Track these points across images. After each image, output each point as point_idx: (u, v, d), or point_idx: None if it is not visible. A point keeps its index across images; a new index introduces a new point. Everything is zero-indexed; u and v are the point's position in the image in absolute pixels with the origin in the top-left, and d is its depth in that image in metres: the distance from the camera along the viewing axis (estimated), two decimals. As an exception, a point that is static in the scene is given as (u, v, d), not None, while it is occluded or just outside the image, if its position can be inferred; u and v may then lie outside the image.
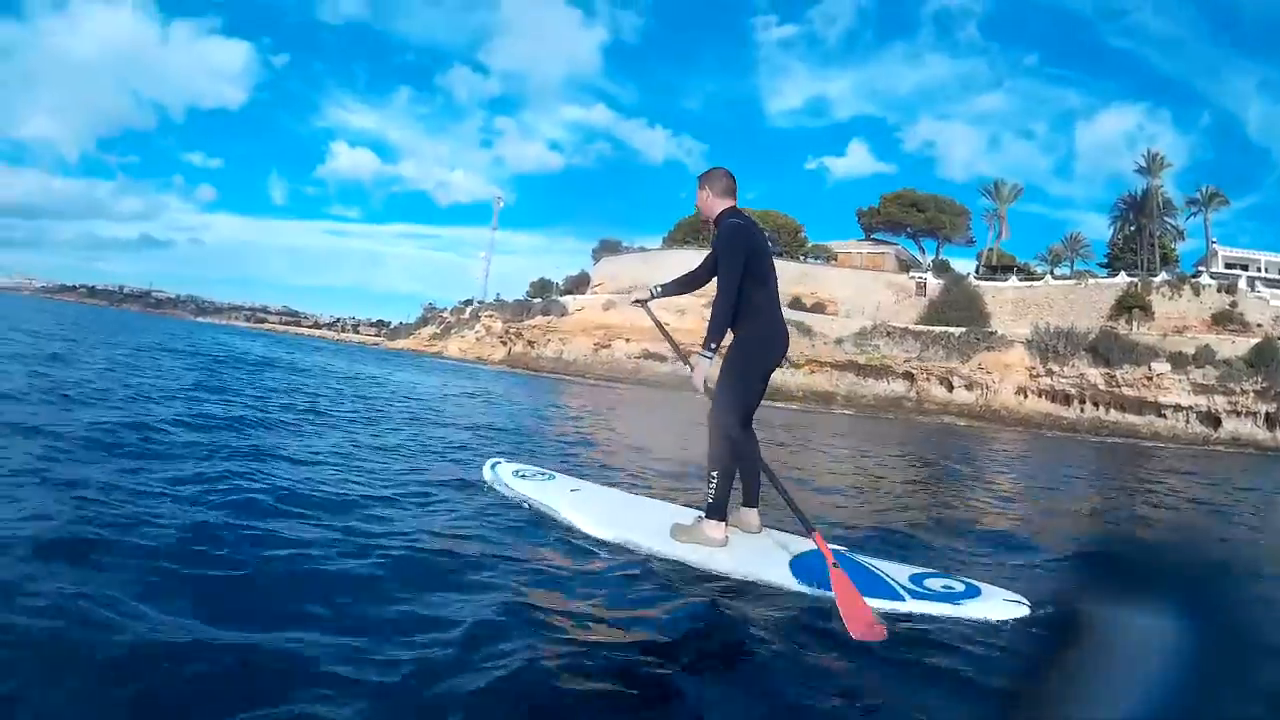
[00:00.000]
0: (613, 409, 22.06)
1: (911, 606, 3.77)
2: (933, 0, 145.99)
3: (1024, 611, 3.75)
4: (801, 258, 65.76)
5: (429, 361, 55.07)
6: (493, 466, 6.20)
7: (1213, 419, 41.78)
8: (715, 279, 4.55)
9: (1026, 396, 47.51)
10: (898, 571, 4.17)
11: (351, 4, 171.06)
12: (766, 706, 2.63)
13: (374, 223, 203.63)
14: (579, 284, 74.34)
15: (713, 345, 4.41)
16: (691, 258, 47.33)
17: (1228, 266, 55.83)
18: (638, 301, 5.32)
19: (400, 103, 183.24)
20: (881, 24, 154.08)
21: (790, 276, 60.69)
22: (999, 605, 3.79)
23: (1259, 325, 46.24)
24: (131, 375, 11.43)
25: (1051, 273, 59.62)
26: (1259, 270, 57.85)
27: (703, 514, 4.59)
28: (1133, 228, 60.57)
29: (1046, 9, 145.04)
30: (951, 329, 51.40)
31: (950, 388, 49.17)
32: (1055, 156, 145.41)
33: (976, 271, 61.45)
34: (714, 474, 4.49)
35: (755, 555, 4.39)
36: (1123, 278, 52.70)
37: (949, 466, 13.80)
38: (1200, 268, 54.08)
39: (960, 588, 3.99)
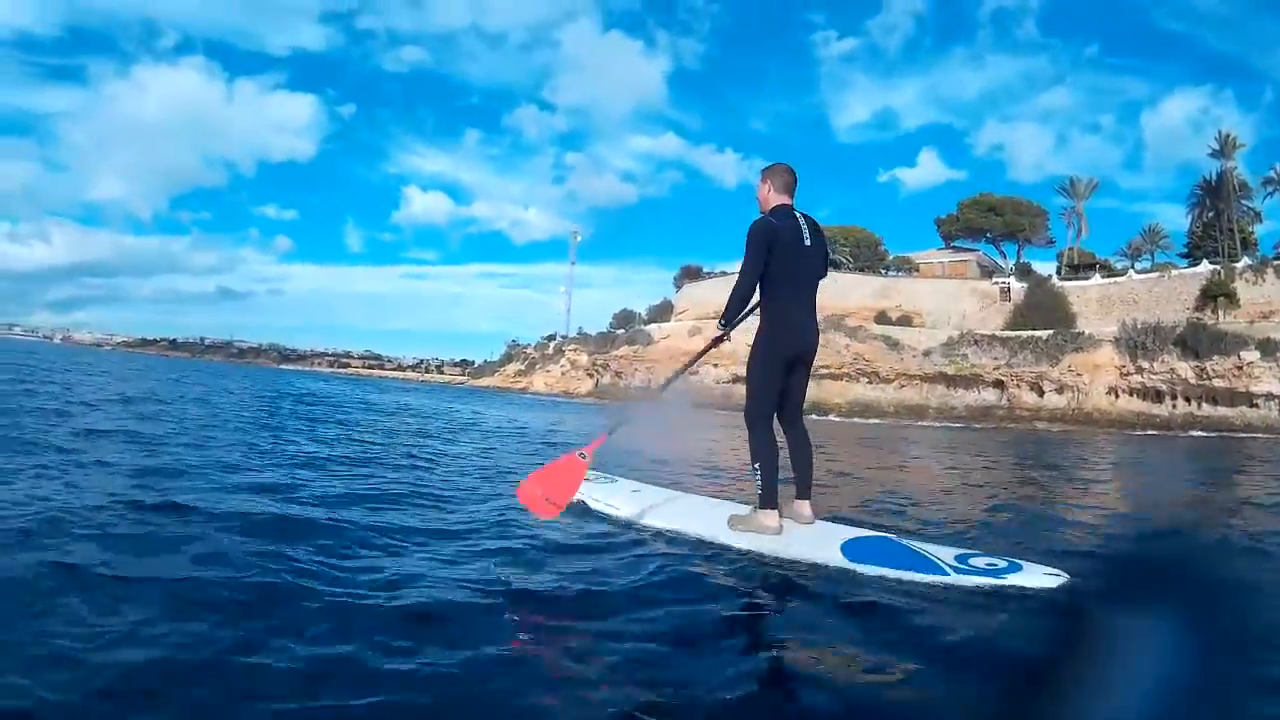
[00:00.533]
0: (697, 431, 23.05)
1: (953, 580, 4.07)
2: (989, 0, 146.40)
3: (1061, 582, 4.02)
4: (883, 271, 68.69)
5: (517, 398, 57.00)
6: None
7: (1305, 405, 42.90)
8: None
9: (1118, 396, 48.96)
10: (944, 552, 4.42)
11: (413, 52, 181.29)
12: (808, 679, 2.87)
13: (452, 264, 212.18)
14: (662, 312, 77.97)
15: (723, 321, 4.99)
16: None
17: (1306, 245, 56.41)
18: (718, 340, 5.29)
19: (470, 145, 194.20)
20: (940, 29, 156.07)
21: (874, 290, 64.33)
22: (1037, 578, 4.05)
23: (1347, 305, 47.32)
24: (260, 436, 10.66)
25: (1133, 267, 61.05)
26: (1340, 246, 58.17)
27: (756, 505, 4.97)
28: (1211, 214, 61.57)
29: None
30: (1038, 332, 53.09)
31: (1041, 393, 51.01)
32: (1124, 149, 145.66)
33: (1058, 272, 62.98)
34: (757, 466, 4.91)
35: (807, 542, 4.72)
36: (1205, 266, 53.99)
37: (1041, 471, 14.07)
38: (1280, 249, 54.71)
39: (1003, 564, 4.22)
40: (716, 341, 5.29)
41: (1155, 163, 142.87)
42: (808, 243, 4.96)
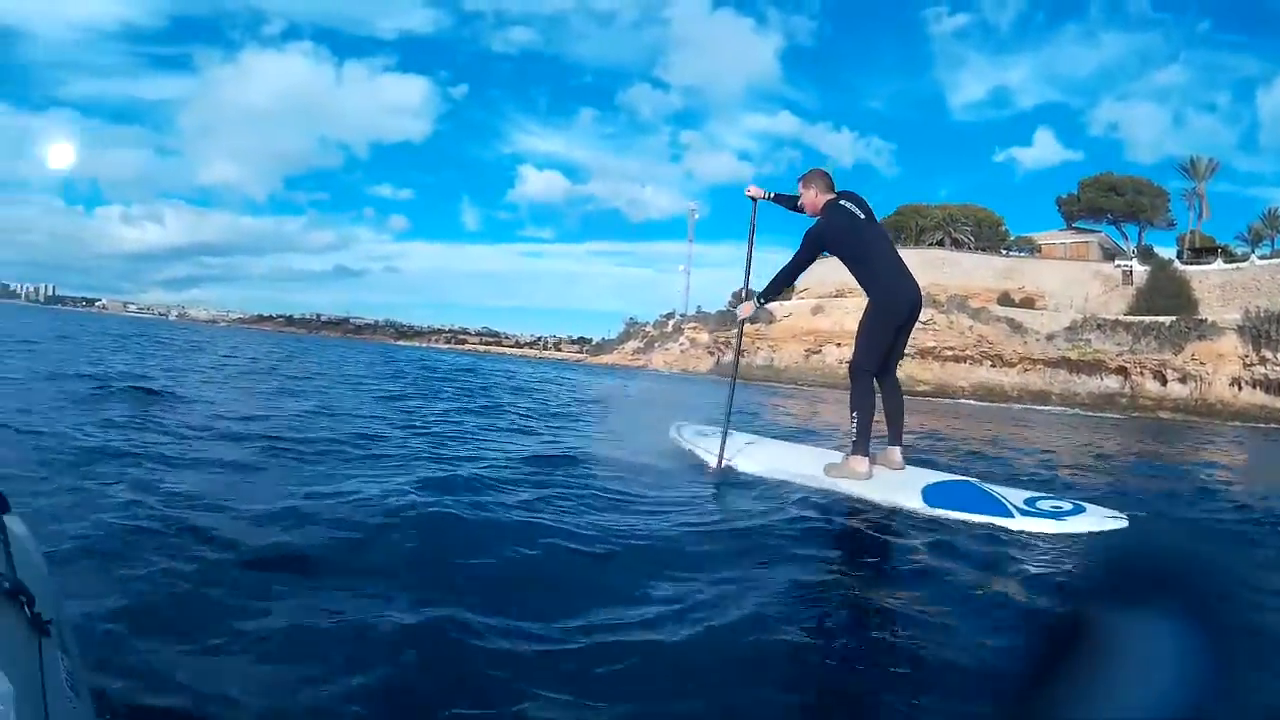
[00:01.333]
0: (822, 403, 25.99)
1: (1019, 523, 4.51)
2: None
3: (1122, 524, 4.42)
4: (1004, 251, 69.69)
5: (646, 374, 61.01)
6: (678, 429, 7.20)
7: None
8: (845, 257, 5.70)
9: (1241, 388, 50.07)
10: (1015, 495, 4.91)
11: (522, 33, 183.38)
12: (883, 599, 3.34)
13: (568, 242, 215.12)
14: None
15: (761, 299, 5.98)
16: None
17: None
18: (751, 197, 6.42)
19: (584, 124, 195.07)
20: (1052, 3, 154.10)
21: (997, 271, 65.53)
22: (1099, 521, 4.46)
23: None
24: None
25: (1254, 253, 61.12)
26: None
27: (849, 452, 5.48)
28: (1337, 197, 61.08)
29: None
30: (1161, 319, 54.00)
31: (1164, 381, 52.32)
32: (1239, 129, 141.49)
33: (1179, 256, 63.65)
34: (854, 414, 5.45)
35: (894, 486, 5.24)
36: (1332, 254, 53.39)
37: (1157, 447, 15.09)
38: None
39: (1067, 507, 4.66)
40: (744, 321, 6.50)
41: (1272, 143, 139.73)
42: (861, 216, 5.68)
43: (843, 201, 5.72)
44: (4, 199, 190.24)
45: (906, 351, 6.07)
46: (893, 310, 5.63)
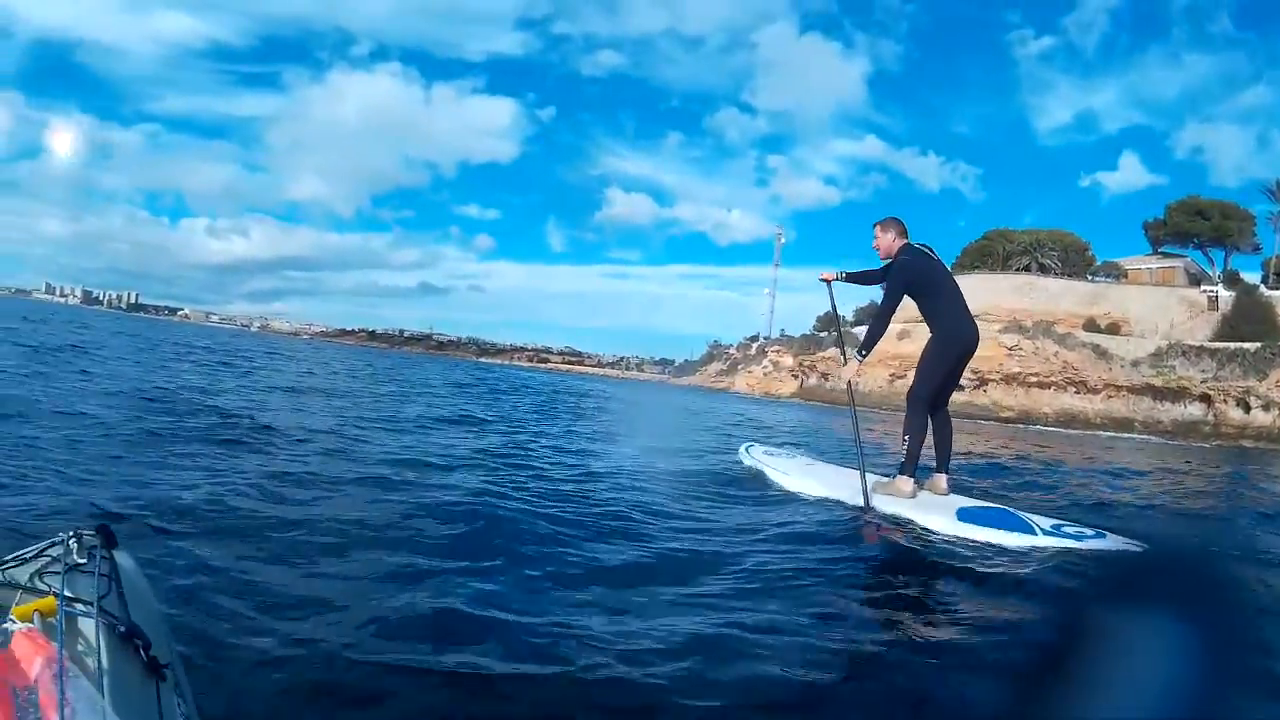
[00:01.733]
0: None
1: (1042, 541, 4.96)
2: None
3: (1134, 553, 4.71)
4: (1090, 277, 70.43)
5: (724, 395, 62.22)
6: (747, 449, 8.21)
7: None
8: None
9: None
10: (1044, 521, 5.35)
11: (611, 56, 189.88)
12: (909, 610, 3.65)
13: (654, 264, 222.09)
14: (869, 315, 79.42)
15: (862, 352, 6.32)
16: (975, 283, 58.13)
17: None
18: (825, 280, 6.90)
19: (671, 147, 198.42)
20: (1135, 26, 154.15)
21: (1082, 297, 66.24)
22: (1114, 546, 4.78)
23: None
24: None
25: None
26: None
27: (897, 472, 6.05)
28: None
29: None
30: (1246, 344, 54.26)
31: (1247, 409, 51.98)
32: None
33: (1265, 281, 63.90)
34: (907, 436, 6.00)
35: (931, 506, 5.78)
36: None
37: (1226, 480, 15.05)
38: None
39: (1090, 533, 5.02)
40: (850, 382, 6.83)
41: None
42: (934, 258, 6.27)
43: (915, 245, 6.35)
44: (89, 209, 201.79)
45: (991, 377, 8.03)
46: (955, 346, 6.24)
